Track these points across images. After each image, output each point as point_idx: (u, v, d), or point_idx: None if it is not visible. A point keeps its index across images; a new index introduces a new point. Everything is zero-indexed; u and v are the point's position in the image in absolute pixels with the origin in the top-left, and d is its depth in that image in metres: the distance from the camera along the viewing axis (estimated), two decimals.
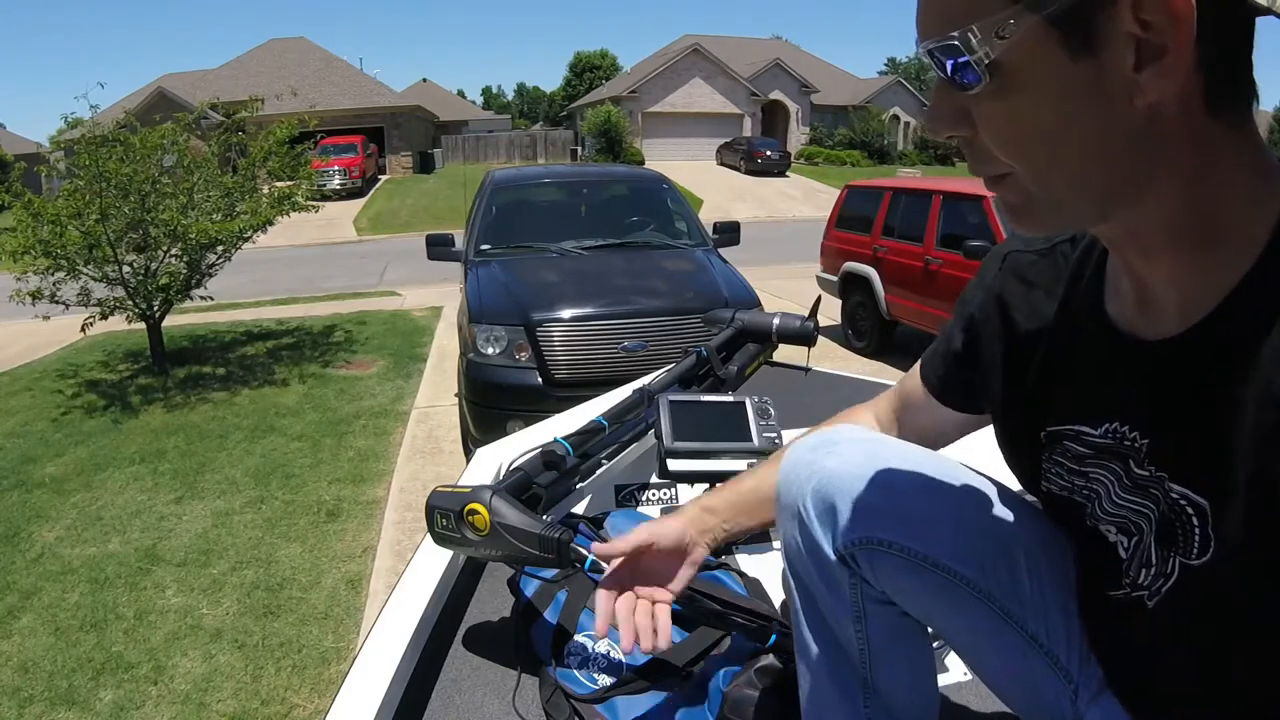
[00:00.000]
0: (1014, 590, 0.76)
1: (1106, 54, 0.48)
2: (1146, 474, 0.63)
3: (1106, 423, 0.66)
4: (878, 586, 0.80)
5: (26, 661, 2.71)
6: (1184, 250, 0.55)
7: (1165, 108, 0.49)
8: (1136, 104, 0.49)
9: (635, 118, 32.25)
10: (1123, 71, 0.48)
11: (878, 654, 0.83)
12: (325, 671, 2.61)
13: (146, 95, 25.76)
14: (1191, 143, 0.51)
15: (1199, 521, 0.58)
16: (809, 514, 0.81)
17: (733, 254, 5.15)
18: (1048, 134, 0.52)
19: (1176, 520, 0.60)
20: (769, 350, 1.78)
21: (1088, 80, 0.49)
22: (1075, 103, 0.50)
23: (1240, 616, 0.59)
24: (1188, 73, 0.48)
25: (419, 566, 1.27)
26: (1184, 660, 0.66)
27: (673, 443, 1.36)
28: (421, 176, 28.33)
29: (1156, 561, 0.65)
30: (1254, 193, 0.53)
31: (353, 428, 4.93)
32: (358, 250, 15.55)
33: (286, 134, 6.40)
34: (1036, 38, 0.49)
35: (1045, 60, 0.50)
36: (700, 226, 5.34)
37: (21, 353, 7.32)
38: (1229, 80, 0.50)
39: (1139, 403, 0.62)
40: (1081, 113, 0.51)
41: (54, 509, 3.93)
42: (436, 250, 5.01)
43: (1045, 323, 0.72)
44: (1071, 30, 0.48)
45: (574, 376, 3.83)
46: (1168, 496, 0.61)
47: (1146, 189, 0.53)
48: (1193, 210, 0.54)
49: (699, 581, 1.19)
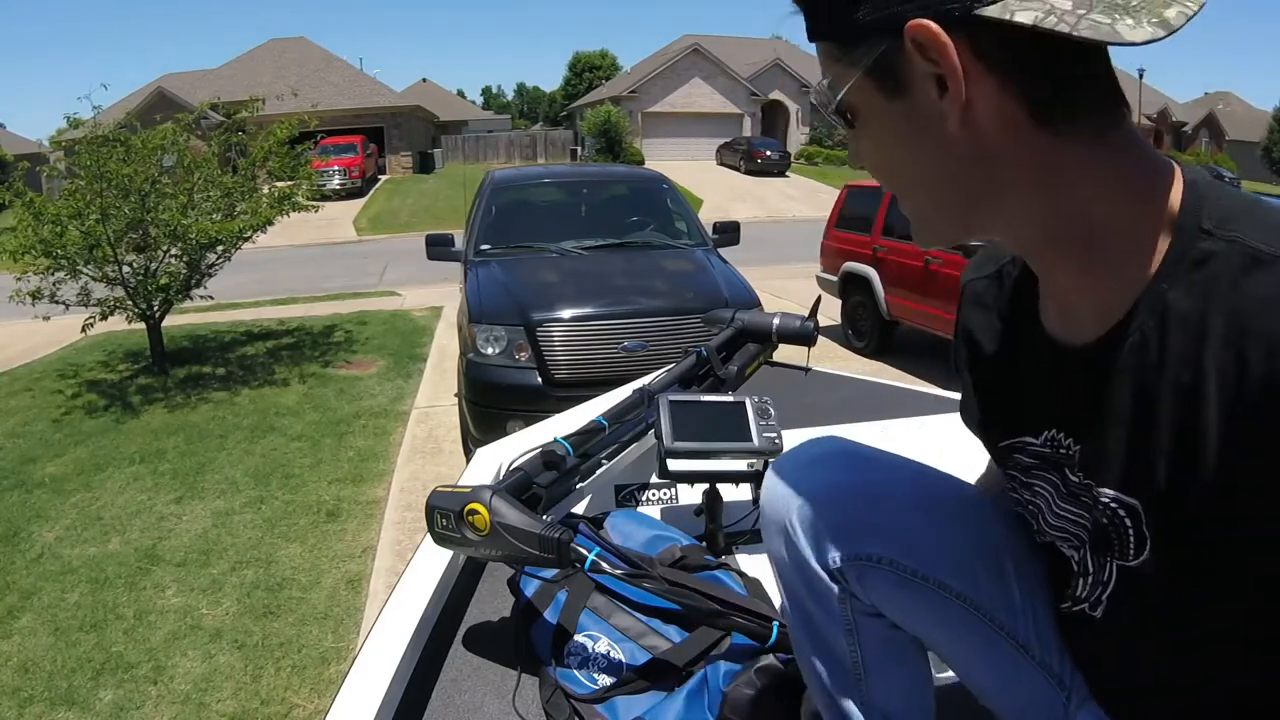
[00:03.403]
0: (1004, 600, 0.76)
1: (915, 92, 0.54)
2: (1078, 481, 0.64)
3: (1046, 430, 0.67)
4: (867, 600, 0.80)
5: (26, 661, 2.71)
6: (1069, 256, 0.58)
7: (984, 130, 0.54)
8: (951, 130, 0.54)
9: (635, 118, 32.24)
10: (932, 104, 0.54)
11: (871, 665, 0.83)
12: (325, 671, 2.61)
13: (146, 95, 25.76)
14: (1031, 158, 0.54)
15: (1132, 522, 0.59)
16: (796, 529, 0.81)
17: (733, 254, 5.15)
18: (894, 164, 0.61)
19: (1110, 525, 0.61)
20: (769, 350, 1.77)
21: (907, 116, 0.56)
22: (905, 136, 0.58)
23: (1183, 617, 0.60)
24: (993, 95, 0.52)
25: (419, 566, 1.27)
26: (1143, 667, 0.67)
27: (673, 443, 1.35)
28: (421, 176, 28.33)
29: (1094, 569, 0.66)
30: (1128, 197, 0.55)
31: (353, 428, 4.93)
32: (358, 250, 15.55)
33: (286, 134, 6.40)
34: (860, 87, 0.57)
35: (872, 104, 0.58)
36: (700, 226, 5.34)
37: (22, 353, 7.32)
38: (1054, 98, 0.53)
39: (1070, 408, 0.64)
40: (913, 144, 0.57)
41: (54, 509, 3.93)
42: (436, 250, 5.01)
43: (999, 342, 0.73)
44: (882, 77, 0.55)
45: (574, 376, 3.83)
46: (1099, 502, 0.62)
47: (999, 203, 0.58)
48: (1058, 219, 0.57)
49: (699, 581, 1.19)
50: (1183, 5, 0.50)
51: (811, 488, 0.81)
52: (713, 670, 1.12)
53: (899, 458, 0.84)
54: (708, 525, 1.50)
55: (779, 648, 1.11)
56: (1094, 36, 0.49)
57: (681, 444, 1.35)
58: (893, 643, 0.83)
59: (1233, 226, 0.52)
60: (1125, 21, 0.49)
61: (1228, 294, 0.51)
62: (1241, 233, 0.52)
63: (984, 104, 0.53)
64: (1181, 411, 0.53)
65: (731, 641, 1.16)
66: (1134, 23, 0.49)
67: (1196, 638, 0.60)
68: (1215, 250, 0.52)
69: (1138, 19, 0.49)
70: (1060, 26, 0.49)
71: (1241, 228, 0.52)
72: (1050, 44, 0.50)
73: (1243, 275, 0.51)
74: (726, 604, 1.13)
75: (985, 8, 0.50)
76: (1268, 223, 0.52)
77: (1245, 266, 0.51)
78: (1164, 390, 0.54)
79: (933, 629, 0.81)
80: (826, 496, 0.80)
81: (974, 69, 0.52)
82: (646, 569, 1.16)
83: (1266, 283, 0.50)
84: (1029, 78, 0.52)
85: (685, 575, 1.20)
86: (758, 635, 1.12)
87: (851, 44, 0.56)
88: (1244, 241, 0.51)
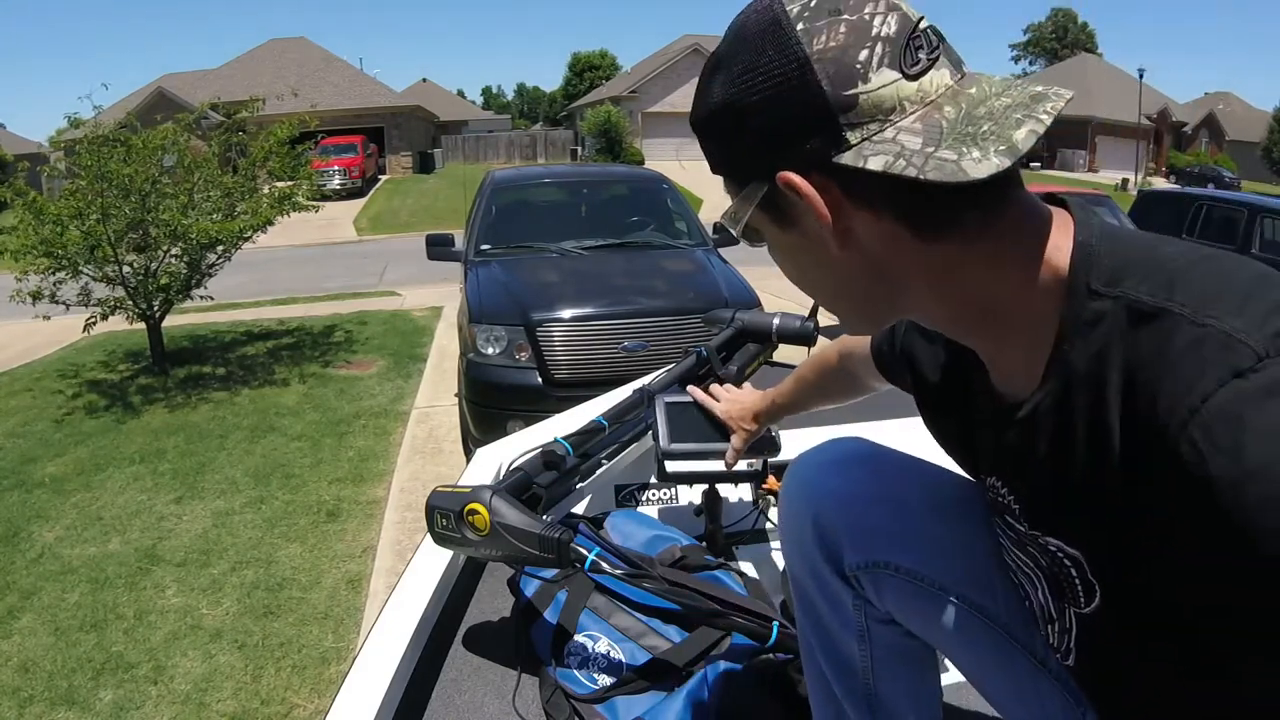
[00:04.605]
0: (1021, 613, 0.76)
1: (801, 223, 0.59)
2: (1024, 530, 0.66)
3: (988, 476, 0.69)
4: (881, 608, 0.80)
5: (26, 661, 2.71)
6: (980, 333, 0.62)
7: (868, 248, 0.58)
8: (837, 253, 0.58)
9: (635, 118, 32.23)
10: (818, 232, 0.58)
11: (881, 671, 0.83)
12: (325, 671, 2.61)
13: (147, 95, 25.74)
14: (921, 264, 0.58)
15: (1077, 572, 0.61)
16: (813, 533, 0.81)
17: (733, 254, 5.15)
18: (799, 277, 0.66)
19: (1059, 572, 0.63)
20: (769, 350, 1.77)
21: (799, 241, 0.61)
22: (802, 257, 0.63)
23: (1143, 660, 0.61)
24: (869, 222, 0.56)
25: (419, 566, 1.27)
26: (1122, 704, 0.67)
27: (669, 445, 1.35)
28: (421, 176, 28.32)
29: (1056, 615, 0.67)
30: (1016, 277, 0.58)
31: (353, 428, 4.93)
32: (358, 250, 15.54)
33: (287, 134, 6.39)
34: (759, 219, 0.62)
35: (770, 231, 0.63)
36: (700, 226, 5.33)
37: (22, 353, 7.32)
38: (927, 216, 0.56)
39: (1005, 460, 0.66)
40: (811, 263, 0.63)
41: (54, 509, 3.93)
42: (436, 250, 5.00)
43: (945, 380, 0.75)
44: (772, 212, 0.61)
45: (574, 376, 3.83)
46: (1045, 551, 0.63)
47: (901, 300, 0.62)
48: (955, 308, 0.61)
49: (699, 581, 1.19)
50: (1036, 120, 0.52)
51: (830, 490, 0.81)
52: (713, 670, 1.12)
53: (921, 462, 0.84)
54: (707, 525, 1.51)
55: (779, 648, 1.11)
56: (939, 178, 0.51)
57: (678, 446, 1.35)
58: (905, 650, 0.83)
59: (1120, 283, 0.54)
60: (971, 155, 0.52)
61: (1119, 350, 0.53)
62: (1127, 289, 0.54)
63: (862, 229, 0.57)
64: (1093, 466, 0.54)
65: (731, 641, 1.16)
66: (980, 155, 0.51)
67: (1165, 678, 0.60)
68: (1103, 310, 0.54)
69: (985, 149, 0.52)
70: (908, 170, 0.52)
71: (1129, 284, 0.54)
72: (893, 185, 0.53)
73: (1130, 330, 0.52)
74: (726, 604, 1.13)
75: (841, 155, 0.54)
76: (1155, 273, 0.53)
77: (1131, 321, 0.53)
78: (1077, 447, 0.56)
79: (948, 639, 0.80)
80: (845, 500, 0.80)
81: (844, 204, 0.56)
82: (646, 569, 1.16)
83: (1150, 336, 0.51)
84: (899, 205, 0.55)
85: (685, 575, 1.20)
86: (758, 635, 1.12)
87: (742, 183, 0.62)
88: (1128, 297, 0.53)
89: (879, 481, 0.81)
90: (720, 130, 0.60)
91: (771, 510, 1.59)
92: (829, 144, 0.54)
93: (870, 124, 0.54)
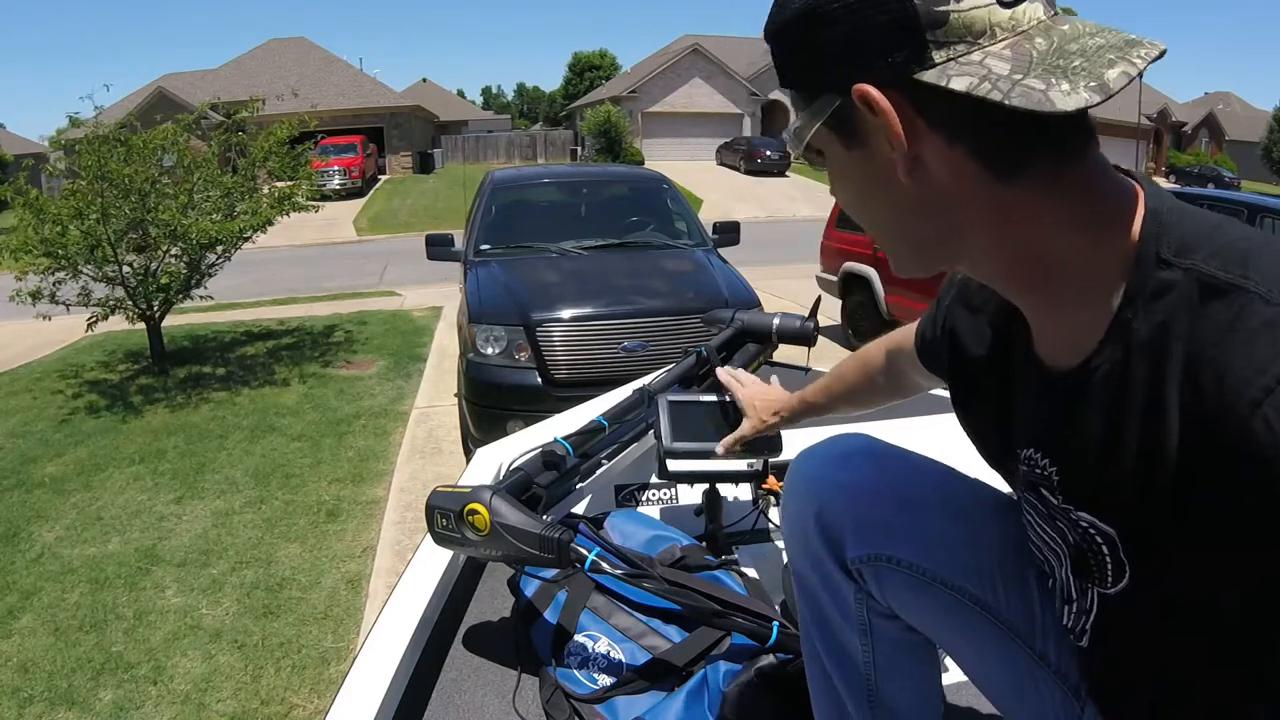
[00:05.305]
0: (1023, 608, 0.76)
1: (870, 143, 0.58)
2: (1057, 503, 0.65)
3: (1025, 448, 0.68)
4: (884, 602, 0.80)
5: (26, 661, 2.71)
6: (1035, 292, 0.61)
7: (935, 179, 0.56)
8: (903, 180, 0.56)
9: (635, 118, 32.22)
10: (886, 155, 0.56)
11: (883, 666, 0.83)
12: (325, 671, 2.61)
13: (147, 95, 25.75)
14: (984, 204, 0.56)
15: (1109, 550, 0.60)
16: (817, 527, 0.81)
17: (733, 254, 5.15)
18: (860, 203, 0.64)
19: (1088, 549, 0.62)
20: (769, 350, 1.77)
21: (865, 163, 0.59)
22: (866, 180, 0.61)
23: (1164, 645, 0.60)
24: (940, 149, 0.55)
25: (419, 566, 1.27)
26: (1133, 690, 0.67)
27: (672, 443, 1.35)
28: (421, 176, 28.32)
29: (1076, 596, 0.66)
30: (1084, 235, 0.56)
31: (353, 428, 4.93)
32: (358, 250, 15.54)
33: (286, 134, 6.39)
34: (822, 136, 0.61)
35: (835, 150, 0.61)
36: (700, 226, 5.33)
37: (22, 353, 7.32)
38: (1001, 151, 0.54)
39: (1048, 431, 0.64)
40: (873, 188, 0.61)
41: (54, 509, 3.93)
42: (436, 250, 5.00)
43: (986, 350, 0.73)
44: (840, 128, 0.59)
45: (574, 377, 3.83)
46: (1077, 526, 0.62)
47: (959, 243, 0.60)
48: (1016, 259, 0.59)
49: (699, 581, 1.19)
50: (1129, 63, 0.51)
51: (834, 484, 0.81)
52: (713, 670, 1.12)
53: (924, 458, 0.84)
54: (708, 525, 1.51)
55: (779, 648, 1.11)
56: (1026, 105, 0.50)
57: (680, 444, 1.35)
58: (906, 645, 0.83)
59: (1190, 255, 0.53)
60: (1060, 87, 0.50)
61: (1185, 323, 0.52)
62: (1198, 261, 0.53)
63: (933, 157, 0.55)
64: (1147, 440, 0.53)
65: (731, 641, 1.16)
66: (1069, 87, 0.50)
67: (1183, 664, 0.60)
68: (1173, 280, 0.53)
69: (1074, 83, 0.50)
70: (993, 94, 0.50)
71: (1199, 257, 0.53)
72: (992, 104, 0.51)
73: (1199, 304, 0.51)
74: (726, 604, 1.13)
75: (924, 73, 0.52)
76: (1227, 249, 0.53)
77: (1202, 295, 0.51)
78: (1131, 419, 0.55)
79: (950, 634, 0.81)
80: (849, 494, 0.80)
81: (919, 127, 0.54)
82: (646, 569, 1.16)
83: (1220, 311, 0.50)
84: (975, 135, 0.54)
85: (685, 575, 1.20)
86: (758, 635, 1.12)
87: (812, 97, 0.60)
88: (1199, 270, 0.52)
89: (883, 476, 0.81)
90: (798, 38, 0.58)
91: (772, 510, 1.59)
92: (912, 59, 0.53)
93: (958, 44, 0.52)
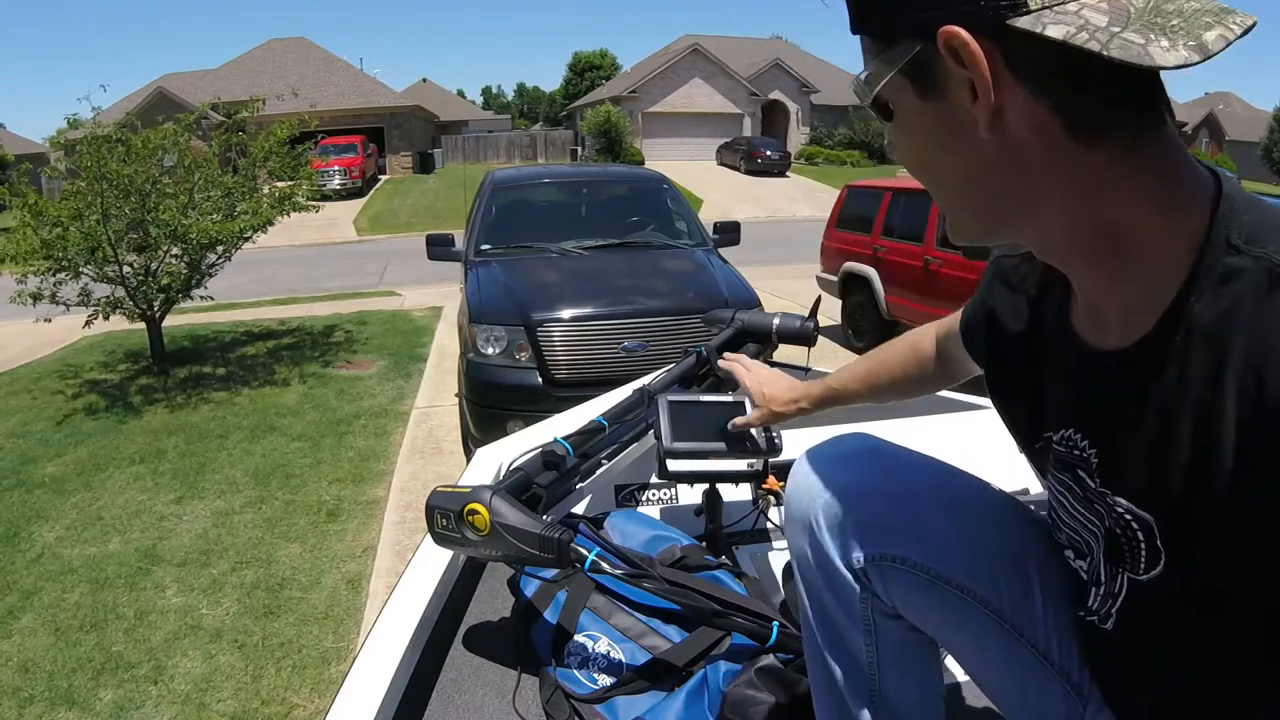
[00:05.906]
0: (1027, 607, 0.76)
1: (949, 94, 0.55)
2: (1094, 486, 0.64)
3: (1064, 429, 0.67)
4: (889, 602, 0.80)
5: (26, 661, 2.71)
6: (1097, 265, 0.58)
7: (1015, 137, 0.54)
8: (982, 135, 0.54)
9: (635, 118, 32.22)
10: (964, 107, 0.54)
11: (886, 666, 0.83)
12: (325, 671, 2.61)
13: (147, 95, 25.75)
14: (1065, 169, 0.54)
15: (1145, 536, 0.59)
16: (821, 527, 0.81)
17: (733, 254, 5.15)
18: (927, 161, 0.62)
19: (1123, 535, 0.61)
20: (769, 350, 1.77)
21: (940, 116, 0.57)
22: (938, 136, 0.58)
23: (1192, 635, 0.59)
24: (1024, 104, 0.52)
25: (419, 566, 1.27)
26: (1153, 679, 0.67)
27: (672, 443, 1.35)
28: (421, 176, 28.32)
29: (1105, 579, 0.65)
30: (1158, 211, 0.55)
31: (353, 428, 4.93)
32: (358, 250, 15.54)
33: (287, 134, 6.40)
34: (895, 85, 0.58)
35: (907, 102, 0.58)
36: (700, 226, 5.33)
37: (22, 353, 7.32)
38: (1087, 111, 0.52)
39: (1090, 412, 0.63)
40: (945, 144, 0.58)
41: (54, 509, 3.93)
42: (436, 250, 5.00)
43: (1025, 326, 0.73)
44: (917, 77, 0.56)
45: (574, 376, 3.83)
46: (1112, 512, 0.61)
47: (1027, 209, 0.58)
48: (1086, 229, 0.56)
49: (699, 581, 1.19)
50: (1226, 28, 0.49)
51: (839, 484, 0.81)
52: (713, 670, 1.12)
53: (927, 458, 0.83)
54: (708, 525, 1.50)
55: (779, 648, 1.11)
56: (1124, 58, 0.48)
57: (681, 444, 1.35)
58: (910, 645, 0.83)
59: (1262, 243, 0.52)
60: (1160, 43, 0.48)
61: (1251, 312, 0.50)
62: (1269, 250, 0.51)
63: (1015, 112, 0.53)
64: (1200, 428, 0.52)
65: (731, 641, 1.16)
66: (1169, 44, 0.48)
67: (1205, 655, 0.59)
68: (1242, 267, 0.52)
69: (1174, 41, 0.49)
70: (1091, 44, 0.48)
71: (1271, 246, 0.51)
72: (1084, 58, 0.49)
73: (1267, 294, 0.50)
74: (726, 604, 1.13)
75: (1018, 19, 0.50)
76: None
77: (1270, 285, 0.50)
78: (1185, 405, 0.53)
79: (953, 633, 0.80)
80: (854, 494, 0.80)
81: (1006, 77, 0.52)
82: (646, 569, 1.16)
83: None
84: (1061, 90, 0.52)
85: (685, 575, 1.20)
86: (758, 635, 1.12)
87: (889, 42, 0.57)
88: (1271, 259, 0.51)
89: (887, 476, 0.81)
90: None
91: (772, 510, 1.59)
92: (1005, 3, 0.50)
93: None
